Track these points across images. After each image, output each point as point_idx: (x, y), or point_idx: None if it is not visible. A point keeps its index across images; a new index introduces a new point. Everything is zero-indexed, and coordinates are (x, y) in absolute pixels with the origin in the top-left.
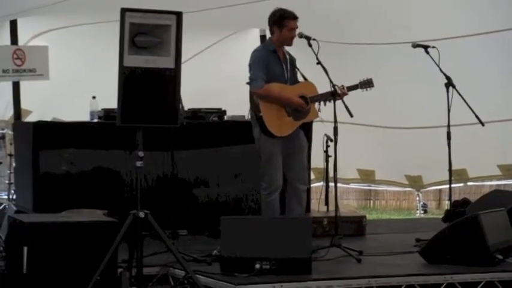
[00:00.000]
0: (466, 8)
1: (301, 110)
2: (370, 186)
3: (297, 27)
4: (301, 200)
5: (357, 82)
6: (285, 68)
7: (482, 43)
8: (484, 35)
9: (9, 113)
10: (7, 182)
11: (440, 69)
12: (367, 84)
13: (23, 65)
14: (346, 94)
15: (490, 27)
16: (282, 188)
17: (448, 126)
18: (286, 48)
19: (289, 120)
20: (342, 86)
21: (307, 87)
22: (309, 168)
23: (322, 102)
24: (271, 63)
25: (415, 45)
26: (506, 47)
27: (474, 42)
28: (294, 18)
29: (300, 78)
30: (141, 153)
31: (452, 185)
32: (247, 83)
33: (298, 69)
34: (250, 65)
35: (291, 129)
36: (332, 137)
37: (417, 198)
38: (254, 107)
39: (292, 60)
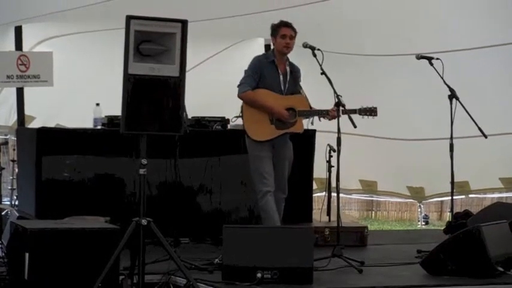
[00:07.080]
0: (470, 21)
1: (284, 120)
2: (372, 196)
3: (289, 35)
4: (279, 207)
5: (357, 107)
6: (283, 79)
7: (486, 56)
8: (488, 48)
9: (12, 119)
10: (10, 188)
11: (444, 81)
12: (368, 111)
13: (27, 71)
14: (335, 117)
15: (493, 40)
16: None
17: (451, 138)
18: (293, 59)
19: (271, 128)
20: (334, 108)
21: (298, 101)
22: (312, 178)
23: (312, 118)
24: (266, 72)
25: (419, 57)
26: (509, 60)
27: (477, 55)
28: (286, 25)
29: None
30: (144, 161)
31: (454, 197)
32: (238, 86)
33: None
34: (245, 70)
35: (270, 136)
36: (335, 147)
37: (419, 210)
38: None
39: (295, 72)
